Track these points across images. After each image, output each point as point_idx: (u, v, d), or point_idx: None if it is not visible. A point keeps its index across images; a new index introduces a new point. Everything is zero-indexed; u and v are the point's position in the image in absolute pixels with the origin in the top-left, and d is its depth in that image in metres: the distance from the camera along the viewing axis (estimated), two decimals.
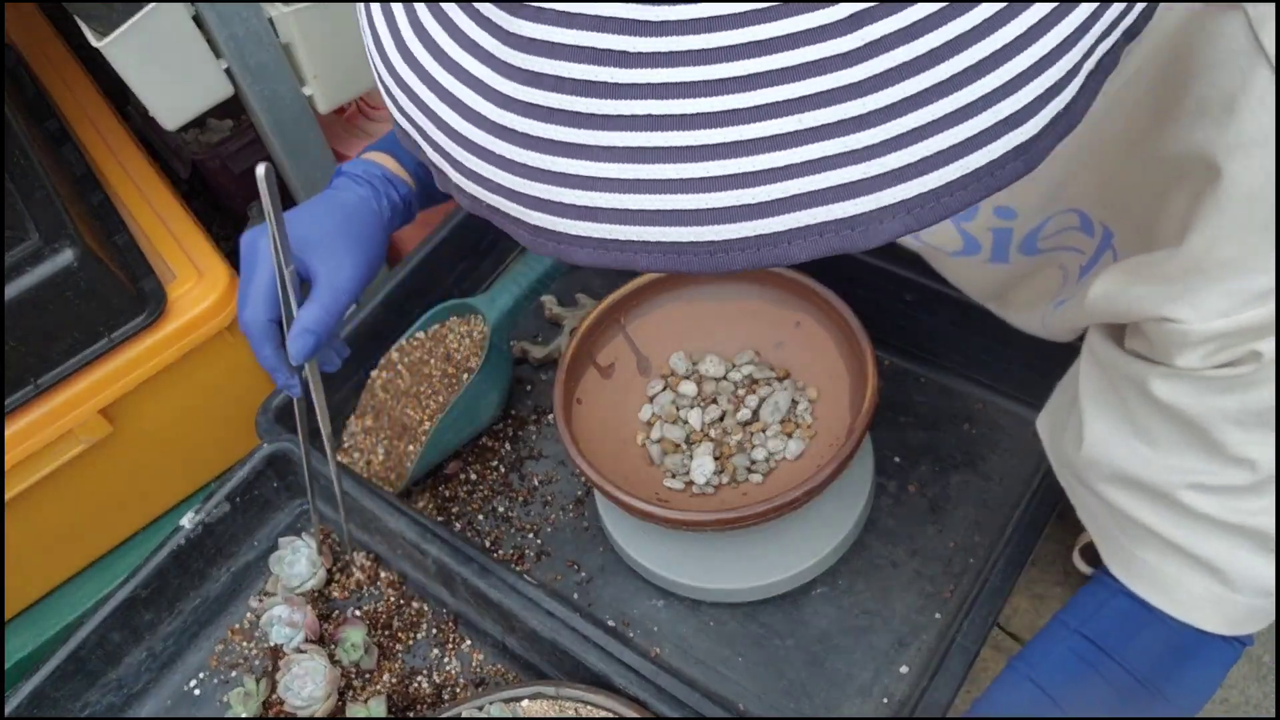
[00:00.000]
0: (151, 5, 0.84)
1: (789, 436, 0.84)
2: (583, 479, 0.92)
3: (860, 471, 0.86)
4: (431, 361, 0.96)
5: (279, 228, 0.63)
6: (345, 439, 0.98)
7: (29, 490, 0.93)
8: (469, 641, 0.86)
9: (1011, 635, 1.01)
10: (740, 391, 0.87)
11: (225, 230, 1.29)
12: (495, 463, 0.97)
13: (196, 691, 0.87)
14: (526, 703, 0.74)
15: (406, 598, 0.88)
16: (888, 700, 0.79)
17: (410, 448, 0.93)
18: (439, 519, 0.93)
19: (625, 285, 0.87)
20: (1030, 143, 0.30)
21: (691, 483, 0.82)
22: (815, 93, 0.28)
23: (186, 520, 0.88)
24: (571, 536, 0.92)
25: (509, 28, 0.29)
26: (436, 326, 0.98)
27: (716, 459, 0.83)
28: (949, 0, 0.28)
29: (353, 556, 0.89)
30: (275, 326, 0.69)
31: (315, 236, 0.69)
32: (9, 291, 0.84)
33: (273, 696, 0.83)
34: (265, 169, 0.61)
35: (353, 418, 0.99)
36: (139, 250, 0.97)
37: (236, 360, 1.02)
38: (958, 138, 0.29)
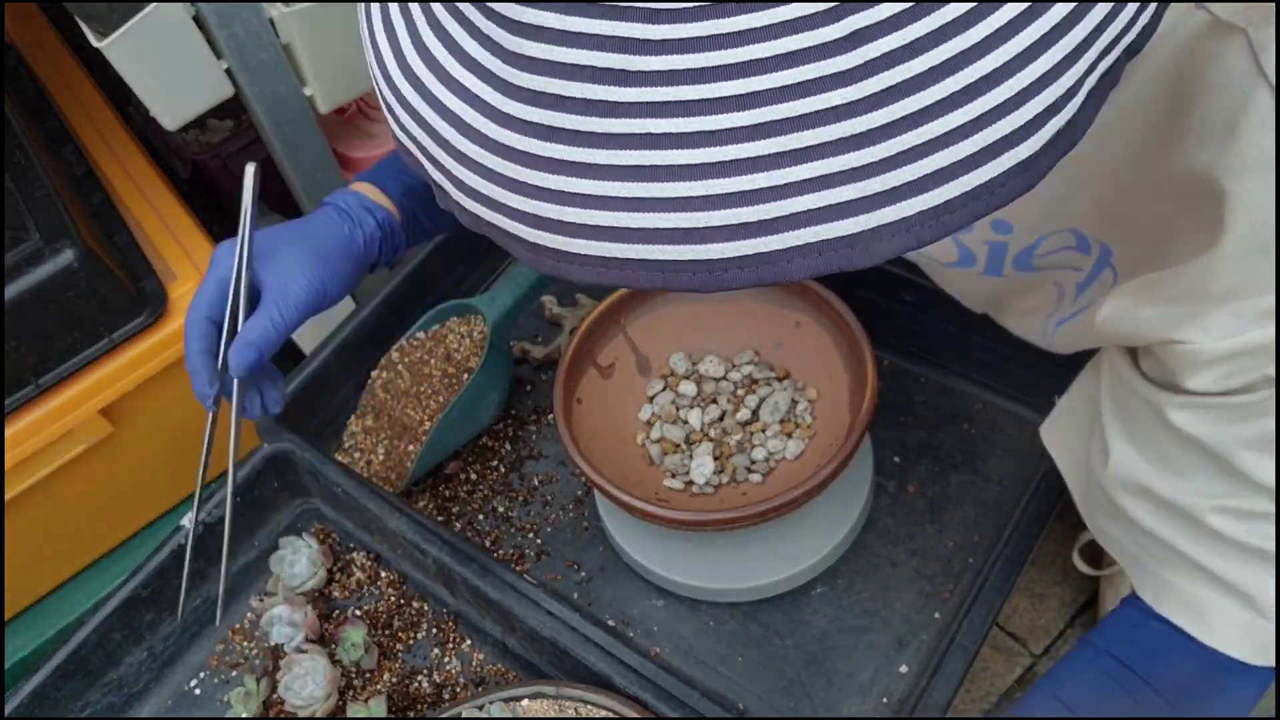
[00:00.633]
0: (152, 5, 0.84)
1: (789, 436, 0.84)
2: (583, 479, 0.92)
3: (860, 471, 0.86)
4: (432, 362, 0.96)
5: (249, 230, 0.64)
6: (345, 439, 0.98)
7: (29, 490, 0.93)
8: (469, 641, 0.86)
9: (1011, 635, 1.01)
10: (740, 391, 0.87)
11: (226, 230, 1.29)
12: (495, 463, 0.97)
13: (197, 691, 0.87)
14: (526, 702, 0.75)
15: (407, 597, 0.88)
16: (887, 700, 0.79)
17: (410, 448, 0.93)
18: (439, 519, 0.93)
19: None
20: (1030, 160, 0.30)
21: (691, 483, 0.82)
22: (814, 111, 0.28)
23: (187, 520, 0.88)
24: (571, 536, 0.92)
25: (510, 47, 0.29)
26: (437, 327, 0.98)
27: (716, 459, 0.83)
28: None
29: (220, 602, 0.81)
30: (212, 328, 0.67)
31: (273, 249, 0.69)
32: (9, 291, 0.84)
33: (273, 696, 0.83)
34: (253, 169, 0.61)
35: (353, 418, 0.99)
36: (139, 250, 0.97)
37: None
38: (957, 156, 0.29)
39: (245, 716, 0.83)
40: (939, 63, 0.28)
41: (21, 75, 1.14)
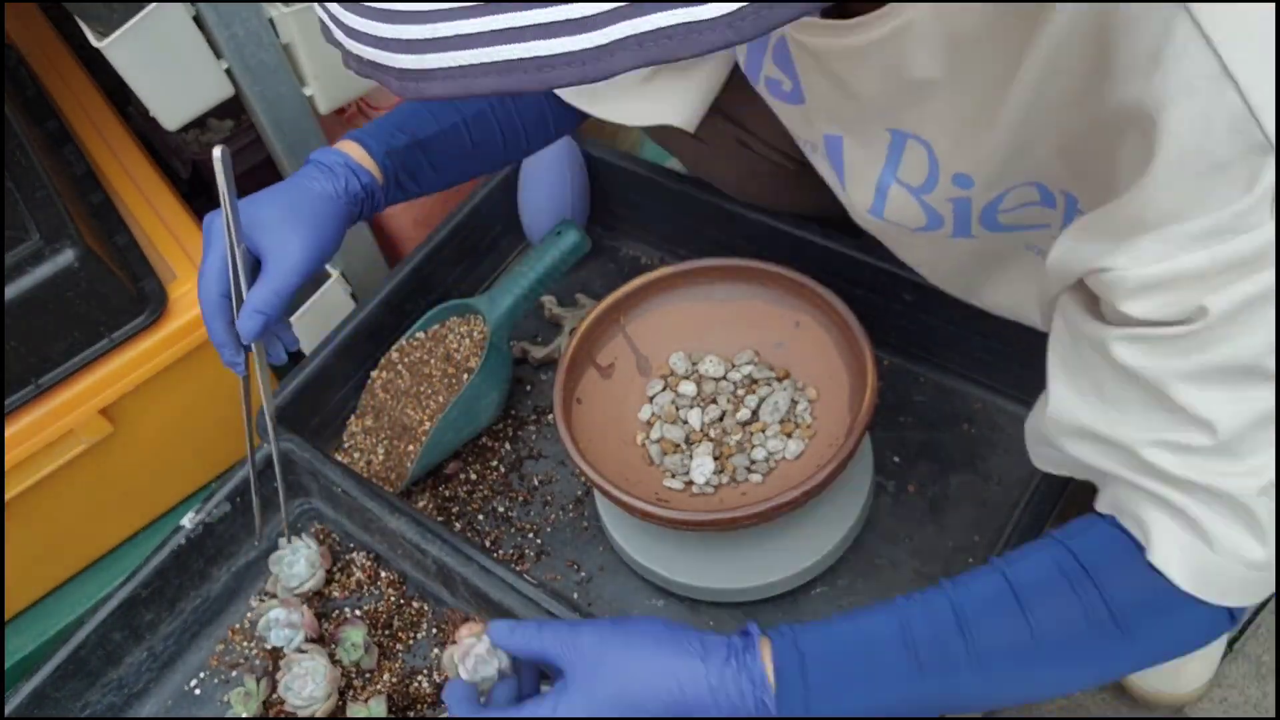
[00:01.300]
0: (152, 6, 0.84)
1: (788, 436, 0.84)
2: (583, 479, 0.92)
3: (859, 471, 0.86)
4: (431, 362, 0.96)
5: (232, 209, 0.67)
6: (345, 439, 0.98)
7: (30, 490, 0.94)
8: None
9: None
10: (740, 391, 0.87)
11: None
12: (495, 463, 0.97)
13: (197, 691, 0.87)
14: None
15: (406, 597, 0.88)
16: None
17: (410, 448, 0.93)
18: (439, 519, 0.93)
19: (625, 286, 0.87)
20: None
21: (691, 482, 0.82)
22: None
23: (187, 520, 0.88)
24: (571, 536, 0.92)
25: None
26: (436, 327, 0.98)
27: (716, 459, 0.83)
28: None
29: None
30: (226, 302, 0.72)
31: (267, 218, 0.72)
32: (10, 291, 0.84)
33: (273, 696, 0.83)
34: (221, 150, 0.64)
35: (353, 418, 0.99)
36: (139, 250, 0.97)
37: None
38: None
39: (245, 717, 0.83)
40: None
41: (22, 75, 1.14)
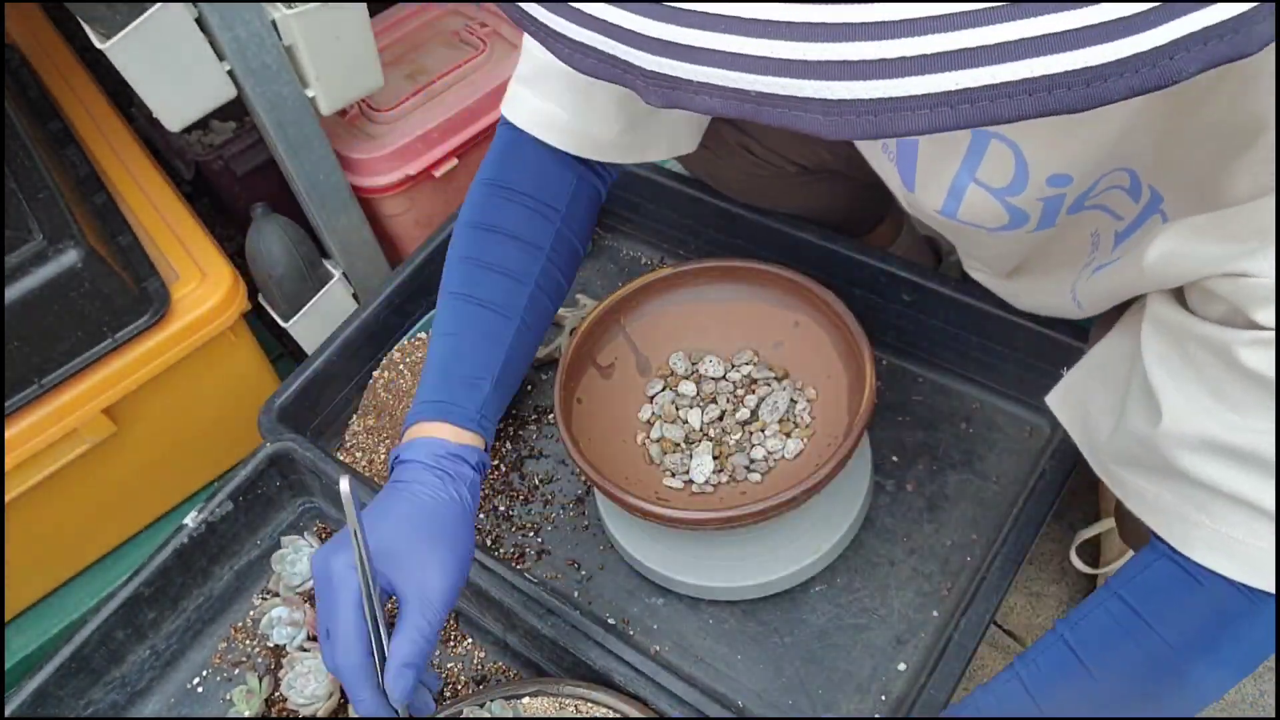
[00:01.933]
0: (155, 7, 0.84)
1: (788, 436, 0.84)
2: (583, 478, 0.93)
3: (858, 470, 0.86)
4: None
5: (365, 555, 0.58)
6: (347, 438, 0.99)
7: (33, 489, 0.94)
8: (470, 639, 0.86)
9: (1008, 633, 1.01)
10: (739, 391, 0.87)
11: (228, 231, 1.30)
12: (496, 462, 0.98)
13: (200, 689, 0.88)
14: (528, 700, 0.75)
15: None
16: (885, 697, 0.79)
17: None
18: None
19: (625, 286, 0.88)
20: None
21: (691, 481, 0.83)
22: None
23: (190, 519, 0.88)
24: (571, 535, 0.92)
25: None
26: None
27: (715, 458, 0.84)
28: None
29: None
30: (371, 665, 0.61)
31: (397, 547, 0.62)
32: (13, 292, 0.84)
33: (275, 694, 0.84)
34: (348, 483, 0.56)
35: (355, 417, 0.99)
36: (142, 251, 0.98)
37: (239, 360, 1.02)
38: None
39: (248, 715, 0.83)
40: None
41: (25, 77, 1.14)
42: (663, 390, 0.88)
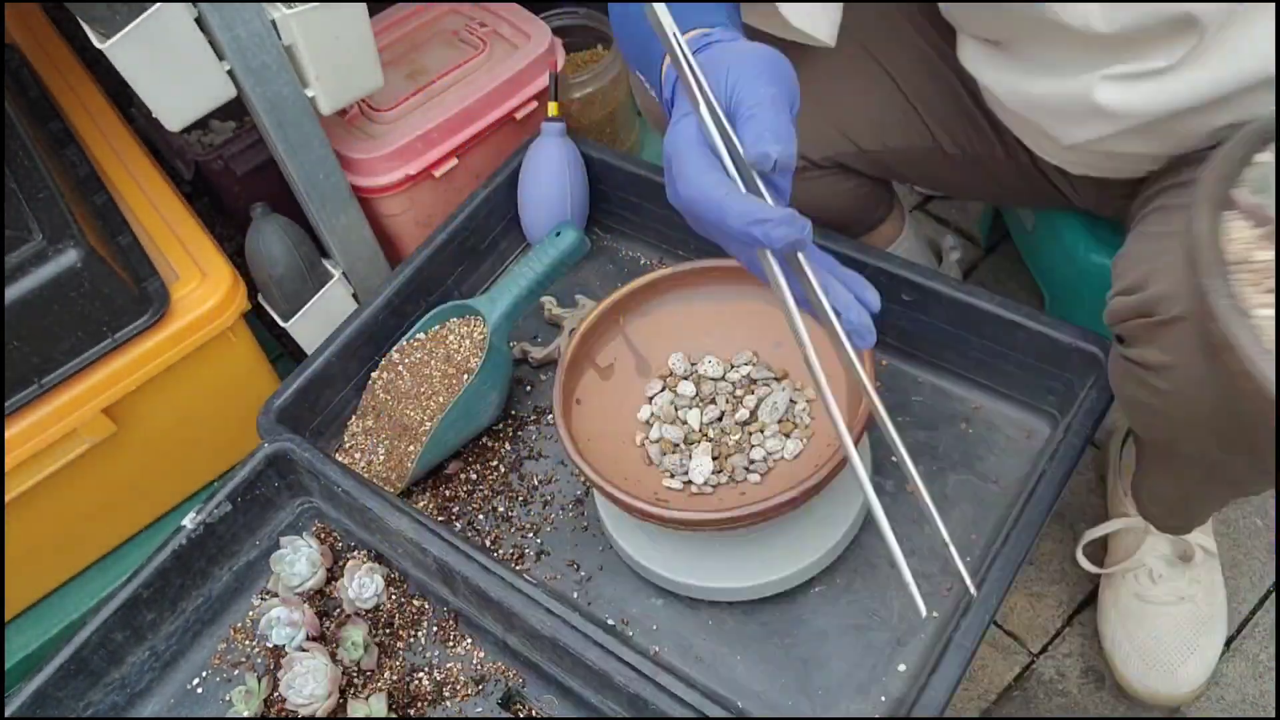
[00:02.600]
0: (155, 7, 0.84)
1: (787, 436, 0.84)
2: (582, 479, 0.93)
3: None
4: (432, 362, 0.96)
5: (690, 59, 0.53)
6: (346, 439, 0.99)
7: (32, 489, 0.94)
8: (469, 639, 0.86)
9: (1009, 633, 1.01)
10: (739, 392, 0.87)
11: (228, 231, 1.30)
12: (495, 463, 0.98)
13: (199, 690, 0.88)
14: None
15: (407, 596, 0.89)
16: (885, 698, 0.79)
17: (411, 448, 0.93)
18: (439, 518, 0.93)
19: (625, 286, 0.88)
20: None
21: (690, 482, 0.83)
22: None
23: (188, 520, 0.88)
24: (571, 536, 0.92)
25: None
26: (437, 327, 0.98)
27: (715, 459, 0.84)
28: None
29: None
30: (722, 171, 0.55)
31: (721, 61, 0.56)
32: (13, 292, 0.84)
33: (274, 695, 0.84)
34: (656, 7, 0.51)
35: (354, 418, 0.99)
36: (142, 251, 0.98)
37: (239, 360, 1.02)
38: None
39: (247, 715, 0.83)
40: None
41: (24, 77, 1.14)
42: (662, 391, 0.88)
